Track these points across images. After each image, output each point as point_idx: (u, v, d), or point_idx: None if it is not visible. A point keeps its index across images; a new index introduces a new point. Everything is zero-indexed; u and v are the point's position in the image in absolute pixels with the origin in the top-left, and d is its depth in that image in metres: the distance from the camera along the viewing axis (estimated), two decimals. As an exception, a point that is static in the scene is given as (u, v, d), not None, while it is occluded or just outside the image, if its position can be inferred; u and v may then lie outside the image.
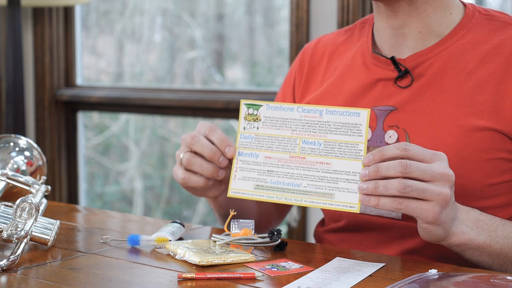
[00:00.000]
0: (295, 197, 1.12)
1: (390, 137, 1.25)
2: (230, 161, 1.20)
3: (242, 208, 1.36)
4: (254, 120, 1.17)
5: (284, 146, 1.14)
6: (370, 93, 1.30)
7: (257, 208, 1.42)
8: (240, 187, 1.17)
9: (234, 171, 1.18)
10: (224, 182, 1.28)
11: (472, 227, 1.10)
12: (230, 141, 1.18)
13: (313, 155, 1.11)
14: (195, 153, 1.21)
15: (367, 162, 1.05)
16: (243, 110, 1.19)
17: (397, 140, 1.24)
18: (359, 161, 1.07)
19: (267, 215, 1.45)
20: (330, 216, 1.36)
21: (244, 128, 1.18)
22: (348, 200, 1.07)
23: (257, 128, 1.17)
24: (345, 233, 1.32)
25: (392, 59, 1.27)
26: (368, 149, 1.26)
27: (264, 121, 1.17)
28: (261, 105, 1.18)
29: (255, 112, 1.18)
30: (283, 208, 1.49)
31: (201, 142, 1.19)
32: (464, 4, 1.31)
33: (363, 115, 1.09)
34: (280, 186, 1.13)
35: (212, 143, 1.20)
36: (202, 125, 1.22)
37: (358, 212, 1.07)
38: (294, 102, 1.44)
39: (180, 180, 1.23)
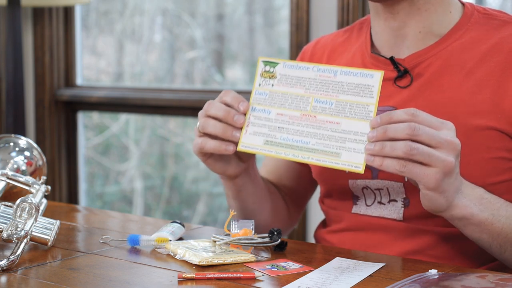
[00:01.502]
0: (302, 154, 1.13)
1: None
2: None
3: (256, 208, 1.36)
4: (270, 77, 1.19)
5: (296, 103, 1.16)
6: None
7: (270, 211, 1.41)
8: (251, 141, 1.17)
9: (246, 126, 1.18)
10: (244, 160, 1.27)
11: (475, 203, 1.10)
12: (244, 99, 1.19)
13: (324, 114, 1.13)
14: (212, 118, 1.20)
15: (374, 124, 1.06)
16: (260, 67, 1.20)
17: None
18: (368, 122, 1.09)
19: (279, 219, 1.45)
20: (331, 217, 1.36)
21: (260, 85, 1.19)
22: (354, 160, 1.08)
23: (272, 85, 1.18)
24: (346, 234, 1.32)
25: (391, 59, 1.27)
26: None
27: (280, 79, 1.18)
28: (278, 63, 1.19)
29: (271, 70, 1.19)
30: (295, 211, 1.48)
31: (216, 105, 1.19)
32: (463, 3, 1.31)
33: (376, 76, 1.11)
34: (289, 143, 1.15)
35: (228, 105, 1.19)
36: (218, 95, 1.22)
37: (362, 172, 1.08)
38: None
39: (198, 146, 1.20)
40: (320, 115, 1.13)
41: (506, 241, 1.13)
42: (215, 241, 1.15)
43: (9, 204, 1.16)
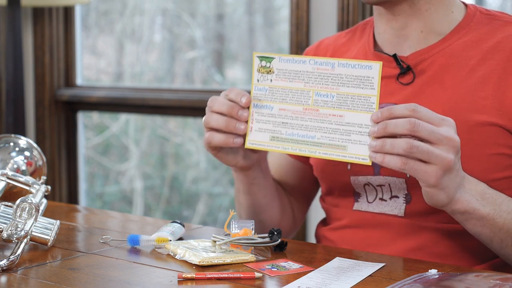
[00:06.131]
0: (309, 148, 1.14)
1: None
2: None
3: (266, 210, 1.36)
4: (267, 73, 1.19)
5: (297, 98, 1.16)
6: None
7: (279, 207, 1.41)
8: (257, 138, 1.19)
9: (250, 123, 1.19)
10: (255, 152, 1.27)
11: (477, 198, 1.12)
12: (246, 93, 1.19)
13: (326, 107, 1.13)
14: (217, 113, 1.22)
15: (375, 119, 1.07)
16: (255, 62, 1.20)
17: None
18: (371, 114, 1.09)
19: (286, 218, 1.44)
20: (332, 215, 1.37)
21: (258, 80, 1.20)
22: (360, 152, 1.10)
23: (271, 81, 1.19)
24: (347, 231, 1.32)
25: (395, 56, 1.28)
26: None
27: (277, 74, 1.18)
28: (273, 58, 1.19)
29: (267, 65, 1.19)
30: (299, 211, 1.48)
31: (219, 100, 1.20)
32: (465, 4, 1.32)
33: (375, 67, 1.10)
34: (294, 138, 1.16)
35: (231, 100, 1.20)
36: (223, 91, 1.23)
37: (370, 164, 1.09)
38: None
39: (206, 140, 1.22)
40: (323, 109, 1.14)
41: (507, 236, 1.14)
42: (215, 241, 1.15)
43: (9, 204, 1.16)
